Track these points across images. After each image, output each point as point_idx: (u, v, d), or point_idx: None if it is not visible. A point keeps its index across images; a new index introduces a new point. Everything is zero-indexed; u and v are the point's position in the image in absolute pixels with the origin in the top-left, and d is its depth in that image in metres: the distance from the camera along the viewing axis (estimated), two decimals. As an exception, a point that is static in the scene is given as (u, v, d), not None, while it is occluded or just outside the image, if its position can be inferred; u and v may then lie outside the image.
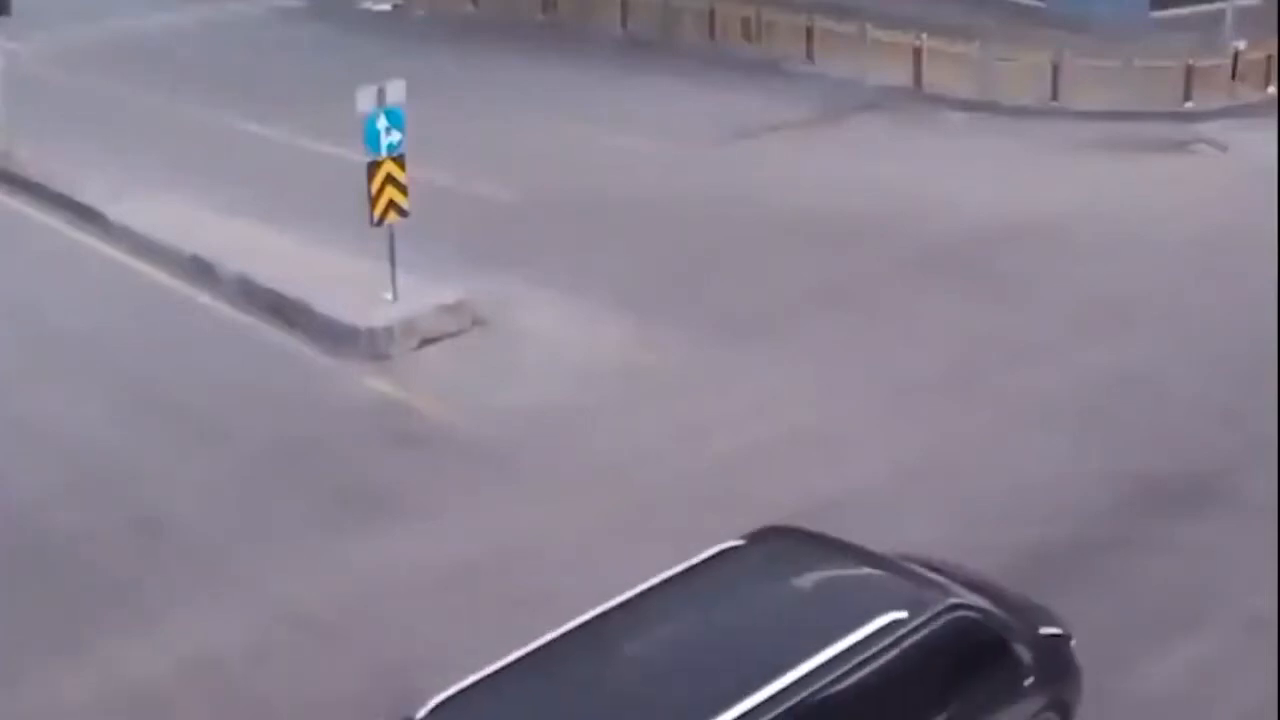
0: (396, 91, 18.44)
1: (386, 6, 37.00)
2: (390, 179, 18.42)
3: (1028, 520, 14.42)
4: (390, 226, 18.63)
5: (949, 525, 14.33)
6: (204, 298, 20.27)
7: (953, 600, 10.06)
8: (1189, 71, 27.21)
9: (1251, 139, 24.75)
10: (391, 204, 18.51)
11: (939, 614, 9.87)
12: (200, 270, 20.80)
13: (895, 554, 10.84)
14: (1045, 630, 10.98)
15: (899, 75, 28.92)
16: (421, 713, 9.34)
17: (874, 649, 9.45)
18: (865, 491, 14.93)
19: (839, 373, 17.54)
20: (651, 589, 10.30)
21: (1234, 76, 27.81)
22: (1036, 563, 13.71)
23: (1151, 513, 14.57)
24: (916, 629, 9.70)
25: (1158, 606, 13.01)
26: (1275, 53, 27.53)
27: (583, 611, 10.07)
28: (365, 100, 18.19)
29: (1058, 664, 10.86)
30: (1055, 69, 27.52)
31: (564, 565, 13.93)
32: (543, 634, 10.01)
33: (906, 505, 14.75)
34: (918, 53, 28.87)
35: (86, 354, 18.74)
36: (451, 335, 18.72)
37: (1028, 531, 14.27)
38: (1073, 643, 11.05)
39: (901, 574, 10.50)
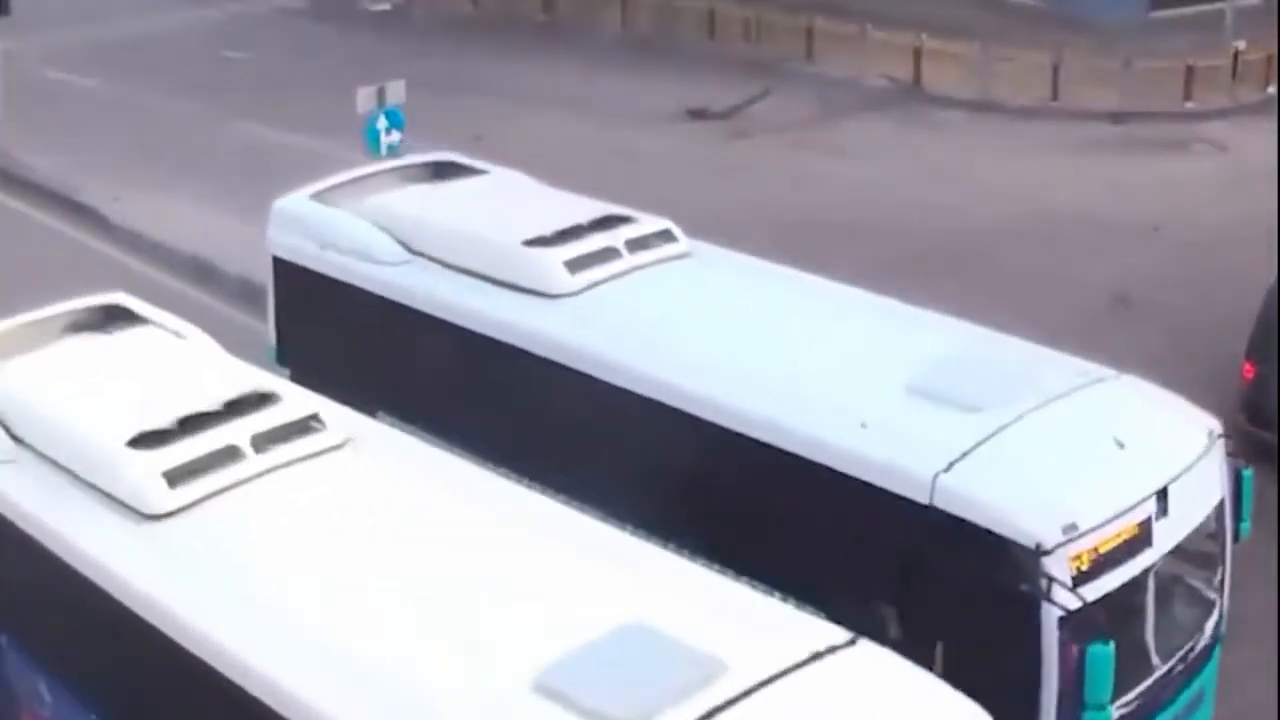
0: (396, 92, 18.44)
1: (387, 6, 36.99)
2: (390, 179, 18.41)
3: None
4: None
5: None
6: (204, 298, 20.27)
7: None
8: (1189, 71, 27.22)
9: (1251, 139, 24.76)
10: (391, 204, 18.47)
11: None
12: (201, 270, 20.81)
13: None
14: None
15: (899, 75, 28.92)
16: None
17: None
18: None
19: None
20: None
21: (1234, 76, 27.82)
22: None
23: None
24: None
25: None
26: (1275, 53, 27.54)
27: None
28: (365, 101, 18.20)
29: None
30: (1055, 69, 27.52)
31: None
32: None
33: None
34: (918, 53, 28.87)
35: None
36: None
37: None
38: None
39: None
